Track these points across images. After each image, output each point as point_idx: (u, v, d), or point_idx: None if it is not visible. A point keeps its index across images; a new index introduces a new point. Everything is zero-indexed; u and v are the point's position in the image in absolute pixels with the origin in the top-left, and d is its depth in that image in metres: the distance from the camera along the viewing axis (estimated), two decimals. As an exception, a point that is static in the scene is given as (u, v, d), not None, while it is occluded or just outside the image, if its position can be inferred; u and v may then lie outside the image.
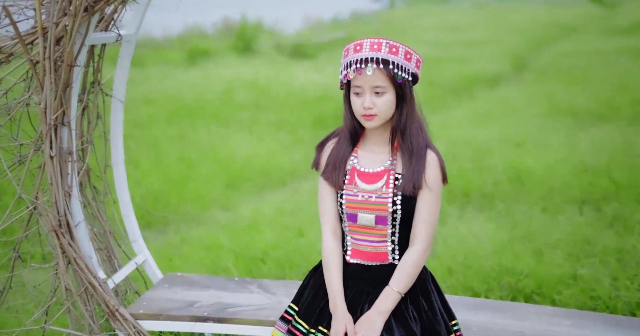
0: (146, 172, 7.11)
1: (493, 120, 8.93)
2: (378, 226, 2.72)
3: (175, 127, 8.86)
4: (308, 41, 16.71)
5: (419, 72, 2.72)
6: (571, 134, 7.84)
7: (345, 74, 2.68)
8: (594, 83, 10.95)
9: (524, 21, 21.94)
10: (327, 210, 2.85)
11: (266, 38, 17.64)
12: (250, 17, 18.41)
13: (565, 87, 10.74)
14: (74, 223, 2.96)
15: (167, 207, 6.43)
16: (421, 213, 2.70)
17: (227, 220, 6.12)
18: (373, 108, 2.63)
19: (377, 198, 2.69)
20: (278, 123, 9.31)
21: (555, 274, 4.40)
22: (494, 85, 12.15)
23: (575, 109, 9.15)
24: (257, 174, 7.42)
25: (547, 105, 9.57)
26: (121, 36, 3.17)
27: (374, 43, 2.62)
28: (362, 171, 2.76)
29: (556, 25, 20.91)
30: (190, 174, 7.23)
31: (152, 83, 11.19)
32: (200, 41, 16.05)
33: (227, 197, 6.83)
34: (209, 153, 7.88)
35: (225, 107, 9.95)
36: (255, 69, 12.72)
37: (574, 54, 14.43)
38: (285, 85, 11.10)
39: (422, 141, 2.74)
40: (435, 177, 2.73)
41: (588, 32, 19.09)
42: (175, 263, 5.09)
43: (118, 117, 3.41)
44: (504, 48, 15.78)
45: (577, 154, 6.90)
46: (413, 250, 2.70)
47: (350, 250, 2.81)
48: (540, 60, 14.63)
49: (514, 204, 5.89)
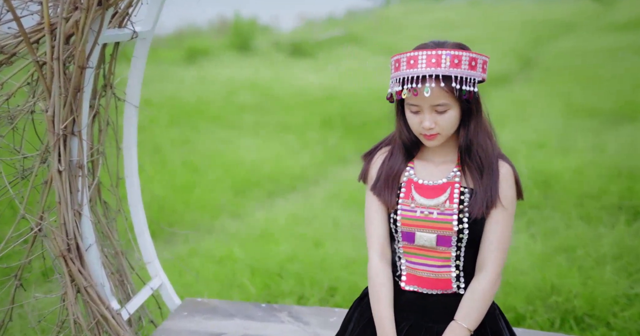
0: (150, 178, 6.72)
1: (510, 121, 8.55)
2: (440, 248, 2.33)
3: (177, 130, 8.46)
4: (305, 39, 16.32)
5: (485, 75, 2.34)
6: (596, 135, 7.46)
7: (397, 92, 2.27)
8: (608, 81, 10.58)
9: (519, 18, 21.60)
10: (376, 230, 2.45)
11: (263, 36, 17.26)
12: (245, 14, 18.05)
13: (579, 85, 10.36)
14: (84, 246, 2.57)
15: (173, 214, 6.05)
16: (492, 236, 2.31)
17: (237, 229, 5.75)
18: (434, 128, 2.25)
19: (439, 214, 2.31)
20: (284, 125, 8.92)
21: (607, 293, 4.02)
22: (502, 84, 11.78)
23: (593, 108, 8.78)
24: (265, 179, 7.04)
25: (563, 104, 9.19)
26: (136, 33, 2.78)
27: (431, 56, 2.20)
28: (421, 183, 2.38)
29: (552, 22, 20.58)
30: (196, 180, 6.85)
31: (149, 83, 10.75)
32: (196, 39, 15.64)
33: (235, 203, 6.45)
34: (214, 157, 7.50)
35: (227, 109, 9.55)
36: (254, 68, 12.33)
37: (579, 51, 14.08)
38: (288, 86, 10.72)
39: (492, 153, 2.37)
40: (510, 193, 2.36)
41: (586, 29, 18.76)
42: (187, 279, 4.72)
43: (132, 123, 3.02)
44: (503, 45, 15.41)
45: (606, 156, 6.51)
46: (483, 278, 2.31)
47: (405, 276, 2.42)
48: (544, 57, 14.28)
49: (545, 211, 5.52)
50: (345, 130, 8.65)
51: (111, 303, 2.65)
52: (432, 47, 2.24)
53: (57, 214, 2.56)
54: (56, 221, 2.58)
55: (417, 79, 2.20)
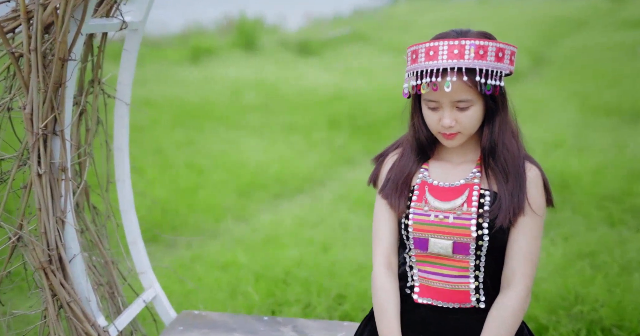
0: (152, 181, 6.49)
1: (523, 119, 8.22)
2: (456, 256, 2.09)
3: (180, 130, 8.21)
4: (312, 38, 16.08)
5: (513, 67, 2.09)
6: (614, 133, 7.18)
7: (414, 86, 2.03)
8: (624, 78, 10.28)
9: (529, 16, 21.30)
10: (382, 238, 2.22)
11: (269, 35, 17.02)
12: (250, 13, 17.85)
13: (594, 83, 10.07)
14: (67, 257, 2.32)
15: (176, 218, 5.81)
16: (521, 246, 2.07)
17: (242, 233, 5.51)
18: (455, 126, 2.02)
19: (455, 219, 2.07)
20: (290, 125, 8.67)
21: (637, 302, 3.73)
22: (513, 82, 11.50)
23: (610, 106, 8.49)
24: (271, 181, 6.80)
25: (579, 102, 8.91)
26: (126, 23, 2.53)
27: (454, 46, 1.94)
28: (436, 185, 2.13)
29: (563, 19, 20.29)
30: (200, 182, 6.61)
31: (152, 83, 10.53)
32: (201, 39, 15.41)
33: (240, 206, 6.21)
34: (218, 159, 7.25)
35: (232, 109, 9.30)
36: (260, 67, 12.08)
37: (592, 48, 13.79)
38: (294, 85, 10.47)
39: (518, 154, 2.13)
40: (540, 199, 2.12)
41: (598, 26, 18.45)
42: (187, 287, 4.48)
43: (123, 122, 2.77)
44: (514, 42, 15.01)
45: (626, 156, 6.23)
46: (512, 294, 2.05)
47: (418, 287, 2.16)
48: (556, 55, 14.00)
49: (564, 214, 5.26)
50: (353, 130, 8.40)
51: (97, 320, 2.40)
52: (454, 37, 1.99)
53: (37, 222, 2.32)
54: (37, 230, 2.34)
55: (437, 72, 1.96)
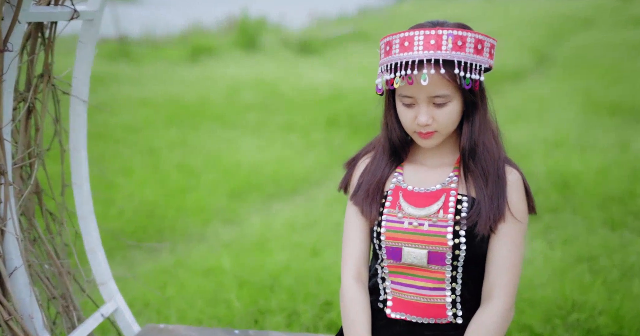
0: (141, 182, 6.30)
1: (526, 118, 8.07)
2: (432, 266, 1.92)
3: (175, 130, 8.03)
4: (314, 37, 15.91)
5: (492, 61, 1.90)
6: (618, 133, 6.95)
7: (387, 81, 1.86)
8: (629, 76, 10.06)
9: (536, 14, 21.14)
10: (352, 248, 2.05)
11: (272, 34, 16.87)
12: (254, 13, 17.75)
13: (599, 81, 9.85)
14: (7, 271, 2.12)
15: (163, 221, 5.61)
16: (502, 256, 1.90)
17: (230, 237, 5.31)
18: (431, 124, 1.85)
19: (430, 226, 1.90)
20: (288, 125, 8.48)
21: (637, 309, 3.54)
22: (518, 80, 11.30)
23: (614, 105, 8.27)
24: (266, 182, 6.59)
25: (582, 100, 8.69)
26: (77, 12, 2.33)
27: (430, 36, 1.78)
28: (410, 190, 1.96)
29: (570, 17, 20.09)
30: (191, 183, 6.41)
31: (150, 82, 10.37)
32: (201, 38, 15.25)
33: (231, 208, 6.00)
34: (212, 159, 7.06)
35: (230, 108, 9.12)
36: (260, 66, 11.91)
37: (598, 46, 13.56)
38: (294, 84, 10.28)
39: (498, 156, 1.95)
40: (521, 204, 1.94)
41: (605, 24, 18.21)
42: (169, 292, 4.29)
43: (80, 121, 2.56)
44: (519, 41, 14.93)
45: (629, 155, 6.01)
46: (492, 309, 1.88)
47: (391, 301, 1.99)
48: (562, 53, 13.78)
49: (564, 216, 5.05)
50: (351, 130, 8.20)
51: (44, 338, 2.20)
52: (430, 27, 1.81)
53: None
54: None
55: (412, 65, 1.79)
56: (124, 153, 7.04)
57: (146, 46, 14.47)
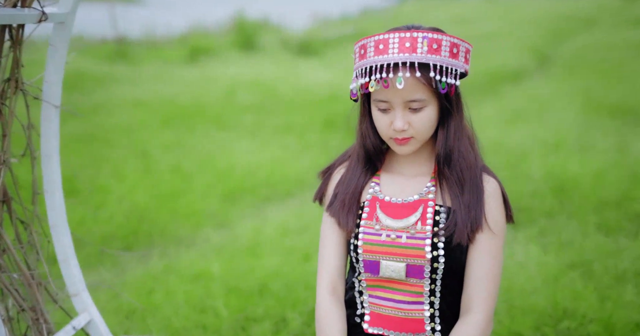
0: (132, 185, 6.22)
1: (524, 119, 7.97)
2: (410, 280, 1.87)
3: (169, 132, 7.95)
4: (315, 38, 15.84)
5: (468, 66, 1.86)
6: (619, 135, 6.85)
7: (362, 85, 1.85)
8: (631, 77, 9.94)
9: (538, 14, 21.03)
10: (327, 261, 2.01)
11: (273, 35, 16.80)
12: (256, 13, 17.73)
13: (600, 82, 9.73)
14: (-32, 283, 2.05)
15: (153, 225, 5.54)
16: (480, 267, 1.85)
17: (221, 241, 5.23)
18: (407, 130, 1.82)
19: (408, 238, 1.85)
20: (285, 126, 8.40)
21: (628, 317, 3.46)
22: (518, 81, 11.20)
23: (615, 106, 8.16)
24: (260, 184, 6.52)
25: (584, 102, 8.58)
26: (46, 15, 2.26)
27: (405, 39, 1.74)
28: (388, 201, 1.92)
29: (572, 17, 19.97)
30: (184, 187, 6.34)
31: (146, 84, 10.29)
32: (202, 39, 15.18)
33: (224, 212, 5.93)
34: (206, 162, 6.98)
35: (227, 110, 9.04)
36: (259, 67, 11.82)
37: (600, 47, 13.43)
38: (292, 85, 10.20)
39: (475, 164, 1.90)
40: (499, 214, 1.89)
41: (608, 24, 18.07)
42: (155, 299, 4.23)
43: (51, 127, 2.49)
44: (521, 41, 14.85)
45: (630, 158, 5.91)
46: (470, 322, 1.83)
47: (369, 315, 1.95)
48: (563, 53, 13.67)
49: (559, 220, 4.96)
50: (348, 131, 8.11)
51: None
52: (406, 30, 1.78)
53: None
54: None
55: (387, 68, 1.76)
56: (117, 156, 6.97)
57: (146, 47, 14.41)
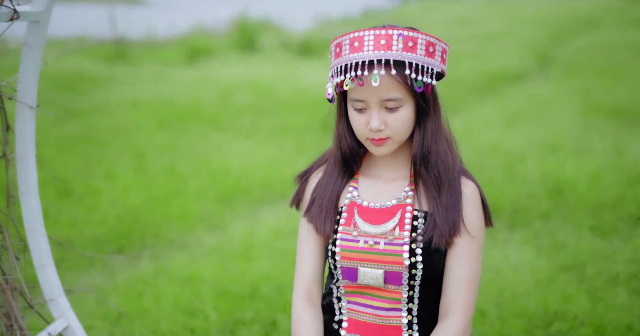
0: (125, 187, 6.18)
1: (523, 121, 7.91)
2: (389, 286, 1.84)
3: (165, 133, 7.90)
4: (316, 38, 15.79)
5: (445, 67, 1.82)
6: (616, 136, 6.78)
7: (337, 84, 1.82)
8: (632, 78, 9.88)
9: (541, 15, 20.97)
10: (304, 266, 1.99)
11: (274, 36, 16.77)
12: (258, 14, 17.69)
13: (602, 84, 9.65)
14: None
15: (146, 227, 5.50)
16: (459, 272, 1.82)
17: (214, 244, 5.18)
18: (384, 130, 1.78)
19: (386, 244, 1.82)
20: (282, 127, 8.36)
21: (620, 320, 3.41)
22: (519, 82, 11.14)
23: (614, 107, 8.10)
24: (255, 186, 6.47)
25: (583, 103, 8.51)
26: (17, 13, 2.21)
27: (380, 36, 1.72)
28: (365, 206, 1.89)
29: (574, 18, 19.91)
30: (178, 188, 6.28)
31: (144, 85, 10.25)
32: (203, 40, 15.13)
33: (218, 214, 5.87)
34: (201, 163, 6.93)
35: (224, 111, 8.99)
36: (258, 68, 11.78)
37: (602, 48, 13.34)
38: (290, 86, 10.16)
39: (453, 166, 1.85)
40: (478, 218, 1.85)
41: (611, 25, 17.99)
42: (143, 303, 4.18)
43: (27, 128, 2.44)
44: (523, 41, 14.80)
45: (626, 160, 5.85)
46: (449, 326, 1.80)
47: (347, 322, 1.91)
48: (566, 54, 13.59)
49: (555, 222, 4.91)
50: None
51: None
52: (381, 27, 1.75)
53: None
54: None
55: (362, 65, 1.73)
56: (111, 157, 6.92)
57: (146, 48, 14.37)
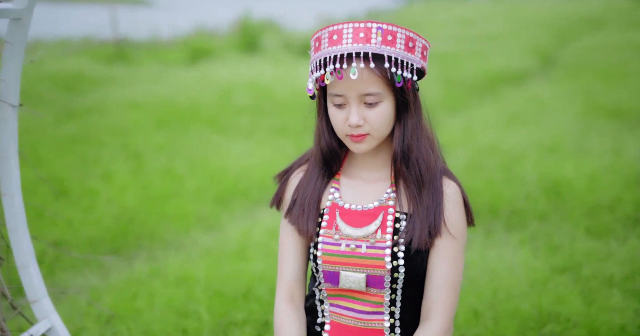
0: (122, 187, 6.15)
1: (522, 122, 7.88)
2: (371, 290, 1.82)
3: (163, 134, 7.87)
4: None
5: (426, 64, 1.79)
6: (616, 137, 6.75)
7: (317, 78, 1.80)
8: (633, 79, 9.83)
9: (545, 16, 20.98)
10: (286, 268, 1.98)
11: (276, 36, 16.75)
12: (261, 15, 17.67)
13: (603, 84, 9.62)
14: None
15: (142, 228, 5.48)
16: (440, 274, 1.81)
17: (210, 245, 5.16)
18: (363, 126, 1.77)
19: (368, 248, 1.81)
20: (281, 128, 8.33)
21: (613, 321, 3.39)
22: (520, 83, 11.10)
23: (615, 108, 8.06)
24: (252, 187, 6.44)
25: (584, 103, 8.48)
26: (-3, 12, 2.19)
27: (359, 29, 1.70)
28: (347, 208, 1.87)
29: (580, 19, 19.90)
30: (176, 189, 6.26)
31: (143, 85, 10.23)
32: (205, 40, 15.11)
33: (214, 215, 5.86)
34: (199, 164, 6.90)
35: (223, 111, 8.96)
36: (259, 68, 11.74)
37: (605, 49, 13.30)
38: (290, 86, 10.12)
39: (435, 166, 1.83)
40: (460, 219, 1.82)
41: (615, 26, 17.97)
42: (137, 304, 4.15)
43: (9, 127, 2.41)
44: (525, 42, 14.78)
45: (625, 161, 5.82)
46: (431, 328, 1.78)
47: (329, 324, 1.89)
48: (568, 55, 13.56)
49: (552, 223, 4.88)
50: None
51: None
52: (361, 21, 1.74)
53: None
54: None
55: (341, 58, 1.72)
56: (109, 157, 6.90)
57: (148, 49, 14.36)
